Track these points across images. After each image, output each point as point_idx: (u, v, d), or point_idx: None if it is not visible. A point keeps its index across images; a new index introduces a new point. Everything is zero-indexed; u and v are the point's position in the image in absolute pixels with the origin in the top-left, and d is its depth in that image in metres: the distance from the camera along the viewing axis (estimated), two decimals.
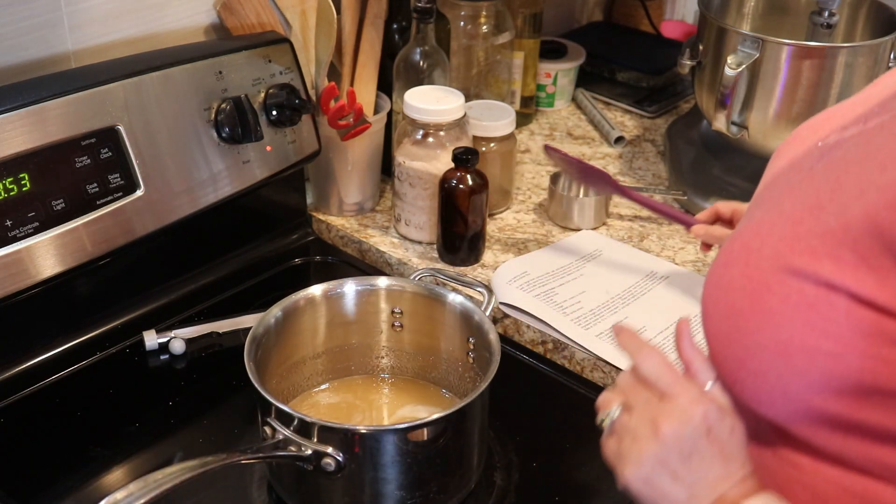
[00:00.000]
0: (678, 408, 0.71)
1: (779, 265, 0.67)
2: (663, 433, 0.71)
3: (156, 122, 1.07)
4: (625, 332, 0.78)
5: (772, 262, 0.68)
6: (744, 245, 0.71)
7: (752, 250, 0.70)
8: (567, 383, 1.09)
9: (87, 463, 0.97)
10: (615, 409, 0.75)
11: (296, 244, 1.31)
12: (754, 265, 0.69)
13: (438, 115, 1.22)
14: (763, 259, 0.68)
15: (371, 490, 0.87)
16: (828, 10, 1.30)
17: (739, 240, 0.73)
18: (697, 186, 1.38)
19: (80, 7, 1.11)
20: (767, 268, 0.68)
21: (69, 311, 1.10)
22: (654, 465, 0.71)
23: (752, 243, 0.70)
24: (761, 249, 0.69)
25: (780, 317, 0.66)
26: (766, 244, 0.69)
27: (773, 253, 0.68)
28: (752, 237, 0.71)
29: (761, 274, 0.68)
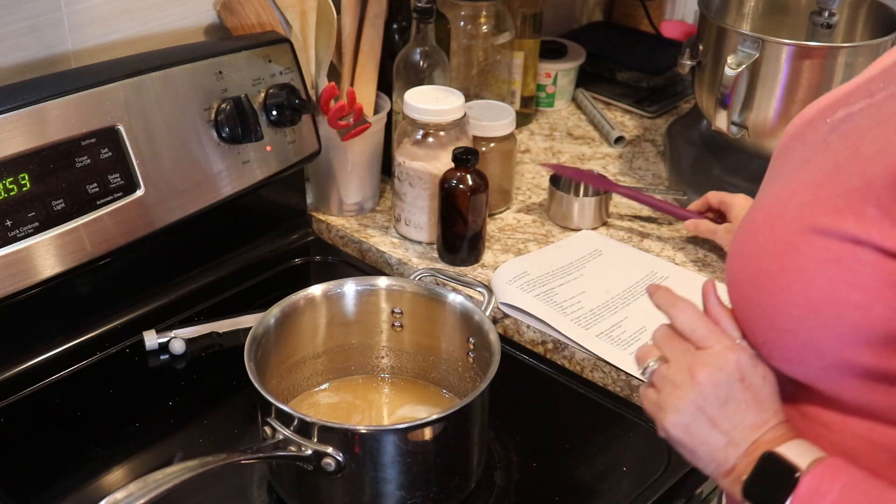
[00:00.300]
0: (713, 355, 0.75)
1: (803, 226, 0.70)
2: (699, 379, 0.75)
3: (156, 122, 1.07)
4: (660, 289, 0.82)
5: (796, 224, 0.70)
6: (766, 213, 0.74)
7: (775, 216, 0.73)
8: (567, 383, 1.09)
9: (87, 463, 0.97)
10: (653, 362, 0.79)
11: (296, 244, 1.31)
12: (779, 229, 0.72)
13: (438, 115, 1.22)
14: (787, 222, 0.71)
15: (371, 490, 0.87)
16: (828, 10, 1.30)
17: (760, 209, 0.75)
18: (697, 186, 1.37)
19: (80, 7, 1.11)
20: (792, 230, 0.70)
21: (69, 311, 1.10)
22: (693, 411, 0.75)
23: (775, 210, 0.73)
24: (784, 214, 0.72)
25: (809, 274, 0.69)
26: (789, 209, 0.72)
27: (796, 216, 0.71)
28: (774, 205, 0.74)
29: (787, 236, 0.71)
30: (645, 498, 0.94)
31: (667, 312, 0.81)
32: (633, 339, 1.11)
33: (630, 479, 0.97)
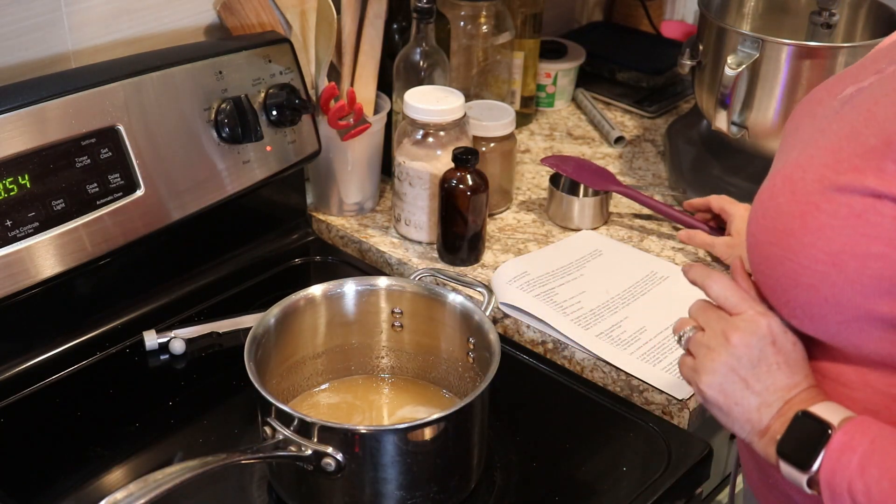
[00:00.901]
0: (745, 320, 0.80)
1: (824, 186, 0.73)
2: (733, 342, 0.79)
3: (156, 122, 1.07)
4: (694, 266, 0.87)
5: (817, 184, 0.74)
6: (786, 177, 0.77)
7: (795, 180, 0.76)
8: (567, 383, 1.09)
9: (87, 463, 0.97)
10: (689, 329, 0.84)
11: (296, 244, 1.31)
12: (800, 190, 0.75)
13: (438, 115, 1.22)
14: (808, 183, 0.75)
15: (371, 490, 0.87)
16: (828, 10, 1.30)
17: (779, 175, 0.78)
18: (697, 186, 1.38)
19: (80, 7, 1.11)
20: (813, 190, 0.74)
21: (69, 311, 1.10)
22: (727, 372, 0.79)
23: (795, 174, 0.77)
24: (805, 178, 0.75)
25: (831, 230, 0.73)
26: (809, 172, 0.75)
27: (817, 177, 0.74)
28: (794, 169, 0.77)
29: (808, 196, 0.74)
30: (645, 498, 0.94)
31: (701, 285, 0.85)
32: (632, 339, 1.11)
33: (630, 479, 0.97)
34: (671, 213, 1.30)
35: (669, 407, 1.05)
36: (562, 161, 1.34)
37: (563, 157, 1.36)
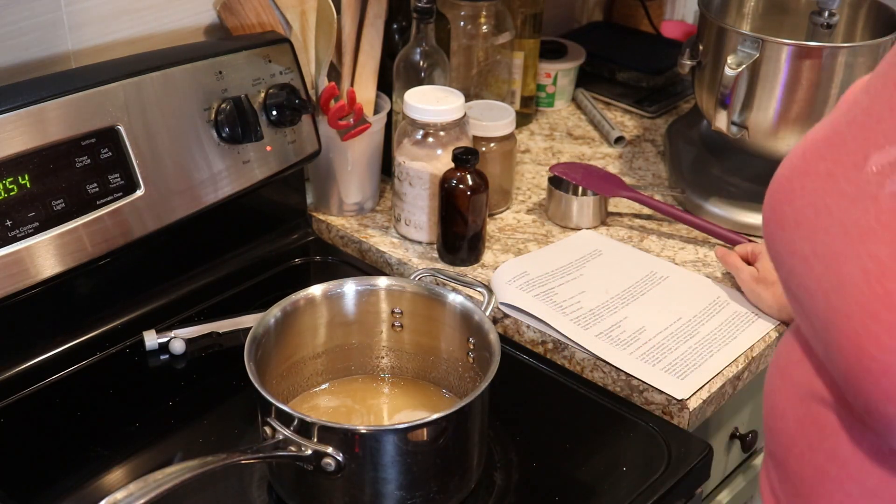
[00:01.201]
0: None
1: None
2: None
3: (156, 122, 1.07)
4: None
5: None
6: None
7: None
8: (567, 383, 1.09)
9: (87, 463, 0.97)
10: None
11: (296, 244, 1.31)
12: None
13: (438, 115, 1.22)
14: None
15: (371, 490, 0.87)
16: (828, 10, 1.30)
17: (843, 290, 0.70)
18: (697, 186, 1.38)
19: (80, 7, 1.11)
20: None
21: (69, 311, 1.10)
22: None
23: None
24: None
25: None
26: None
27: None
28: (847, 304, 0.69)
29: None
30: (645, 498, 0.94)
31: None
32: (632, 338, 1.11)
33: (630, 479, 0.97)
34: (686, 219, 1.30)
35: (669, 407, 1.05)
36: (570, 169, 1.34)
37: (572, 165, 1.36)
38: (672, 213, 1.31)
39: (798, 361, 0.80)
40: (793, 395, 0.80)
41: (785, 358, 0.83)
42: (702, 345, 1.11)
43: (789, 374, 0.81)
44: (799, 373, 0.80)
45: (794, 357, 0.80)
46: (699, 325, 1.14)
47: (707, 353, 1.10)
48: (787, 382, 0.81)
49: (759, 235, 1.28)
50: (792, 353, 0.81)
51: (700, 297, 1.19)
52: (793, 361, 0.81)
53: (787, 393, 0.81)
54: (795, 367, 0.80)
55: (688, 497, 1.00)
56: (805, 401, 0.79)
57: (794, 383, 0.80)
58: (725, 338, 1.12)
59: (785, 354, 0.83)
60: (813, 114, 1.26)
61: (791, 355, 0.81)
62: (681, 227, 1.33)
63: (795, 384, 0.80)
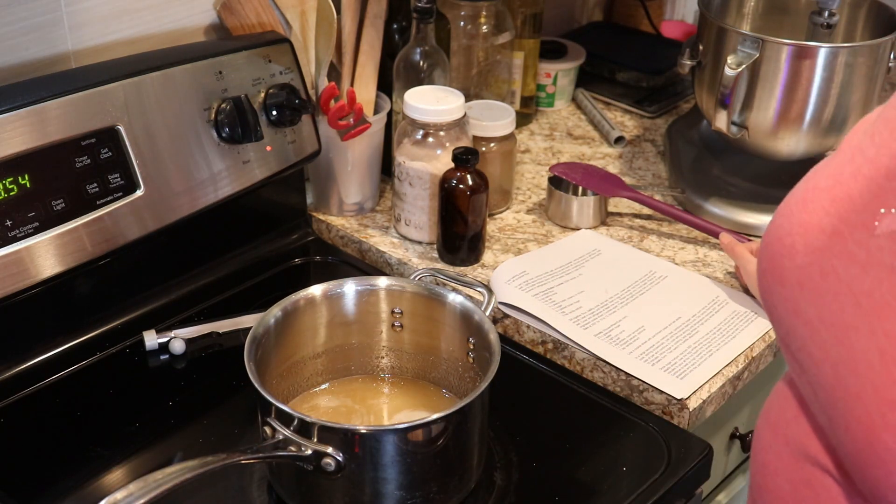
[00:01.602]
0: None
1: None
2: None
3: (156, 122, 1.07)
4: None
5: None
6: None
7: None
8: (567, 383, 1.09)
9: (87, 463, 0.97)
10: None
11: (296, 244, 1.31)
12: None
13: (438, 115, 1.22)
14: None
15: (371, 490, 0.87)
16: (828, 10, 1.30)
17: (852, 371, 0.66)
18: (697, 186, 1.38)
19: (80, 7, 1.11)
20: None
21: (69, 311, 1.10)
22: None
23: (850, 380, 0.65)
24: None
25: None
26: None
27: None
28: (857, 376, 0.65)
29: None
30: (645, 498, 0.94)
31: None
32: (631, 338, 1.11)
33: (630, 479, 0.97)
34: (686, 219, 1.30)
35: (669, 407, 1.05)
36: (570, 169, 1.34)
37: (572, 165, 1.36)
38: (672, 213, 1.31)
39: (793, 419, 0.75)
40: (786, 456, 0.75)
41: (777, 413, 0.77)
42: (701, 344, 1.11)
43: (782, 431, 0.76)
44: (793, 432, 0.74)
45: (789, 414, 0.75)
46: (698, 325, 1.14)
47: (706, 352, 1.10)
48: (780, 441, 0.76)
49: (759, 236, 1.28)
50: (786, 408, 0.76)
51: (699, 296, 1.19)
52: (786, 419, 0.76)
53: (779, 452, 0.76)
54: (789, 425, 0.75)
55: (688, 497, 1.00)
56: (799, 462, 0.74)
57: (787, 443, 0.75)
58: (725, 337, 1.12)
59: (777, 409, 0.78)
60: (813, 114, 1.26)
61: (785, 411, 0.76)
62: (681, 227, 1.33)
63: (789, 444, 0.75)
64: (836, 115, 1.27)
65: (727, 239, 1.21)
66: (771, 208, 1.31)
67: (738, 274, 1.21)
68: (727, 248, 1.21)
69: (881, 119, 0.66)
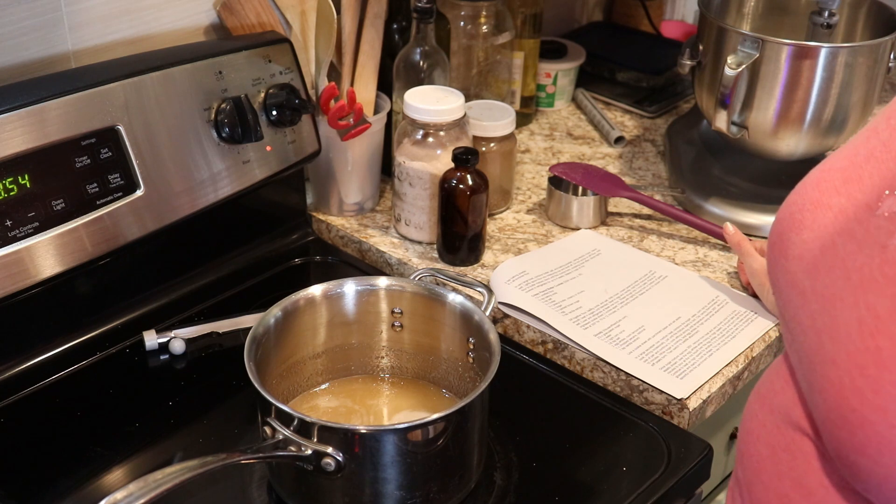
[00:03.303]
0: None
1: None
2: None
3: (156, 122, 1.07)
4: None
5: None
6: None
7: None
8: (567, 383, 1.09)
9: (87, 463, 0.97)
10: None
11: (296, 244, 1.31)
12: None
13: (438, 115, 1.22)
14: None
15: (371, 490, 0.87)
16: (828, 10, 1.30)
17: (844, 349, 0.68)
18: (697, 186, 1.38)
19: (80, 7, 1.11)
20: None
21: (69, 311, 1.10)
22: None
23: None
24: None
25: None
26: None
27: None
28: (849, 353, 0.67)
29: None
30: (645, 498, 0.94)
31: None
32: (631, 338, 1.11)
33: (630, 479, 0.97)
34: (686, 219, 1.30)
35: (669, 407, 1.05)
36: (570, 169, 1.34)
37: (572, 165, 1.36)
38: (672, 213, 1.31)
39: (780, 388, 0.78)
40: (769, 421, 0.79)
41: (767, 385, 0.81)
42: (701, 344, 1.11)
43: (769, 400, 0.79)
44: (779, 399, 0.78)
45: (777, 385, 0.79)
46: (698, 325, 1.14)
47: (706, 352, 1.10)
48: (766, 408, 0.80)
49: (759, 236, 1.28)
50: (775, 380, 0.79)
51: (699, 296, 1.19)
52: (774, 389, 0.79)
53: (763, 419, 0.79)
54: (777, 393, 0.78)
55: (688, 497, 1.00)
56: (780, 427, 0.77)
57: (772, 409, 0.79)
58: (725, 336, 1.12)
59: (767, 382, 0.81)
60: (813, 114, 1.26)
61: (773, 383, 0.80)
62: (681, 227, 1.33)
63: (773, 410, 0.78)
64: (836, 115, 1.27)
65: (734, 232, 1.19)
66: (771, 208, 1.31)
67: (739, 270, 1.21)
68: (733, 240, 1.19)
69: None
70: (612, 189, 1.32)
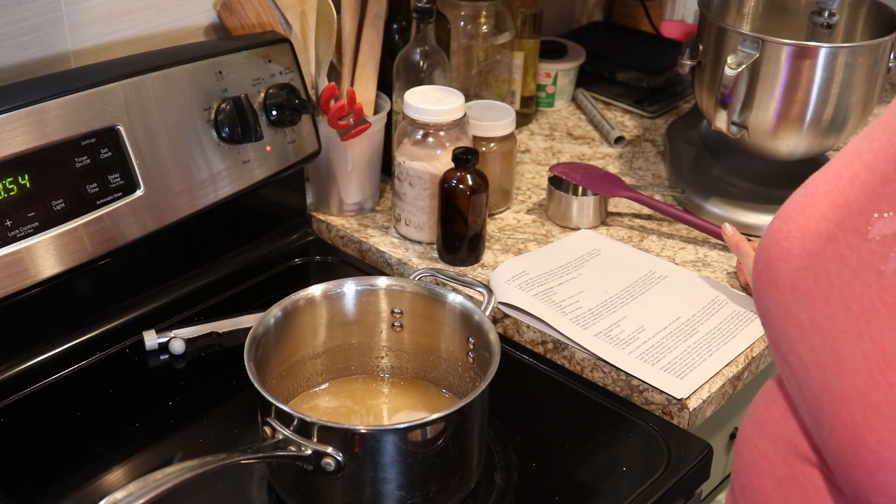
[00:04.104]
0: None
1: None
2: None
3: (156, 122, 1.07)
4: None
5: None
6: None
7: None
8: (567, 383, 1.09)
9: (87, 463, 0.97)
10: None
11: (296, 244, 1.31)
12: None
13: (438, 115, 1.22)
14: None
15: (371, 490, 0.87)
16: (828, 10, 1.30)
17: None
18: (697, 186, 1.38)
19: (80, 7, 1.11)
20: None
21: (69, 311, 1.10)
22: None
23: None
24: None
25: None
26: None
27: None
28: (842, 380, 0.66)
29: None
30: (645, 498, 0.94)
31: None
32: (631, 338, 1.11)
33: (630, 479, 0.97)
34: (686, 219, 1.30)
35: (669, 407, 1.05)
36: (570, 169, 1.34)
37: (572, 165, 1.36)
38: (672, 213, 1.31)
39: (781, 417, 0.75)
40: (773, 454, 0.76)
41: (763, 413, 0.78)
42: (701, 344, 1.11)
43: (770, 431, 0.76)
44: (781, 430, 0.75)
45: (776, 414, 0.76)
46: (698, 325, 1.14)
47: (706, 351, 1.10)
48: (766, 439, 0.77)
49: (759, 236, 1.28)
50: (773, 408, 0.77)
51: (699, 296, 1.19)
52: (774, 418, 0.76)
53: (765, 450, 0.77)
54: (777, 424, 0.76)
55: (688, 497, 1.00)
56: (787, 459, 0.74)
57: (774, 440, 0.76)
58: (724, 336, 1.12)
59: (764, 409, 0.78)
60: (813, 114, 1.26)
61: (772, 411, 0.77)
62: (681, 227, 1.33)
63: (776, 441, 0.76)
64: (836, 116, 1.27)
65: (733, 232, 1.19)
66: (771, 208, 1.31)
67: (738, 270, 1.21)
68: (731, 241, 1.19)
69: (880, 123, 0.67)
70: (612, 189, 1.32)
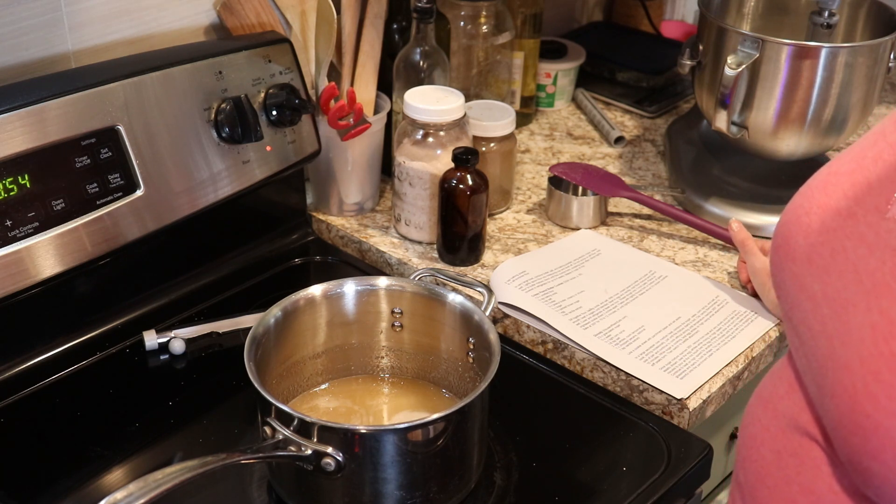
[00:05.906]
0: None
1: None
2: None
3: (156, 122, 1.07)
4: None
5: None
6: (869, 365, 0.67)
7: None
8: (567, 383, 1.09)
9: (87, 463, 0.97)
10: None
11: (296, 244, 1.31)
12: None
13: (438, 115, 1.22)
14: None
15: (371, 490, 0.87)
16: (828, 10, 1.30)
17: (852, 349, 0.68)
18: (697, 186, 1.38)
19: (80, 7, 1.12)
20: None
21: (69, 311, 1.10)
22: None
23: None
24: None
25: None
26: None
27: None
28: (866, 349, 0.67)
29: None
30: (645, 498, 0.94)
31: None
32: (631, 338, 1.11)
33: (630, 479, 0.97)
34: (686, 219, 1.30)
35: (669, 407, 1.05)
36: (570, 169, 1.34)
37: (572, 165, 1.36)
38: (672, 213, 1.31)
39: (785, 393, 0.77)
40: (773, 426, 0.78)
41: (770, 389, 0.80)
42: (701, 344, 1.11)
43: (773, 405, 0.79)
44: (785, 404, 0.77)
45: (781, 389, 0.78)
46: (698, 325, 1.14)
47: (706, 352, 1.10)
48: (770, 413, 0.79)
49: (759, 236, 1.28)
50: (779, 384, 0.79)
51: (699, 296, 1.19)
52: (779, 394, 0.78)
53: (767, 423, 0.79)
54: (781, 399, 0.78)
55: (688, 497, 1.00)
56: (787, 433, 0.76)
57: (777, 415, 0.78)
58: (725, 336, 1.12)
59: (770, 385, 0.80)
60: (813, 114, 1.26)
61: (777, 387, 0.79)
62: (681, 227, 1.33)
63: (778, 414, 0.78)
64: (836, 115, 1.27)
65: (739, 229, 1.18)
66: (771, 208, 1.32)
67: (739, 269, 1.21)
68: (738, 237, 1.18)
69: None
70: (612, 189, 1.32)
